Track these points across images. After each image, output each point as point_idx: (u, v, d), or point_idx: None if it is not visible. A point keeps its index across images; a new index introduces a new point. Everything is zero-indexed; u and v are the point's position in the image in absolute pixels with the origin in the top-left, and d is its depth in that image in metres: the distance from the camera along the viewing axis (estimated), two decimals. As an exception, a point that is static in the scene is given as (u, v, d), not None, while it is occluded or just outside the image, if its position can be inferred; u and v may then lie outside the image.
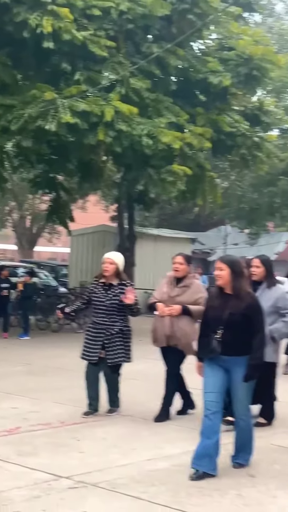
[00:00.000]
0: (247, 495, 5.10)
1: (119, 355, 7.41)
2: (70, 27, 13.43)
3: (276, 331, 7.02)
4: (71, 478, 5.36)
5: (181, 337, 7.26)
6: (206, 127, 16.10)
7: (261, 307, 5.69)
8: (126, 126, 14.11)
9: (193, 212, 34.00)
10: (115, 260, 7.50)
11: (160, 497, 4.97)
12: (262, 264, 7.18)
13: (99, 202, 36.68)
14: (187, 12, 15.00)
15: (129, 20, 14.55)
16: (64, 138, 14.23)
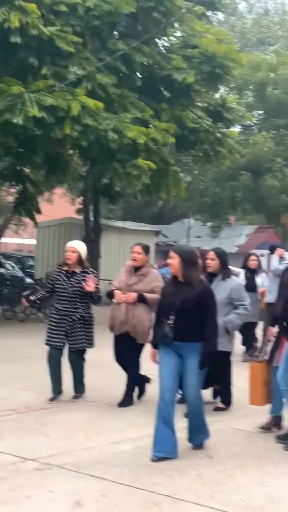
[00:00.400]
0: (206, 475, 5.23)
1: (81, 340, 7.47)
2: (37, 22, 13.36)
3: (229, 322, 7.10)
4: (37, 460, 5.44)
5: (136, 324, 7.32)
6: (170, 122, 16.16)
7: (213, 295, 5.77)
8: (92, 120, 14.09)
9: (157, 206, 34.18)
10: (77, 249, 7.54)
11: (123, 477, 5.08)
12: (217, 256, 7.24)
13: (65, 195, 36.58)
14: (152, 10, 15.04)
15: (95, 17, 14.50)
16: (31, 131, 14.17)
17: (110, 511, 4.42)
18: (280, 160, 23.86)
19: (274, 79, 25.11)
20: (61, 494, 4.70)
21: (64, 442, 5.99)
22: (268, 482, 5.10)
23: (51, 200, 35.97)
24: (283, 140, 24.32)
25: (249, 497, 4.77)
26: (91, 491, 4.79)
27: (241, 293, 7.32)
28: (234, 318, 7.18)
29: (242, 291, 7.38)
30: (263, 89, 25.22)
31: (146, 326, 7.32)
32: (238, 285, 7.36)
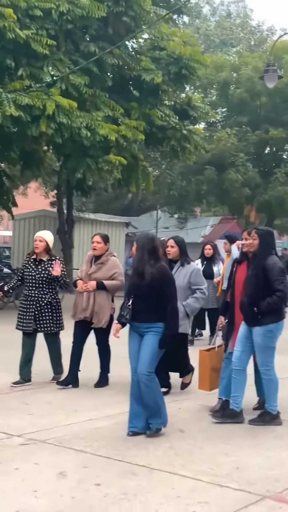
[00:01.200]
0: (178, 447, 5.42)
1: (49, 324, 7.54)
2: (13, 26, 13.36)
3: (188, 306, 7.07)
4: (22, 436, 5.60)
5: (97, 310, 7.38)
6: (140, 120, 16.27)
7: (170, 280, 5.77)
8: (67, 119, 14.18)
9: (127, 198, 34.29)
10: (45, 238, 7.60)
11: (102, 450, 5.27)
12: (176, 244, 7.22)
13: (39, 189, 36.48)
14: (122, 14, 15.08)
15: (68, 21, 14.50)
16: (7, 129, 14.20)
17: (92, 480, 4.59)
18: (243, 155, 24.10)
19: (236, 79, 25.30)
20: (46, 466, 4.87)
21: (46, 420, 6.14)
22: (234, 453, 5.30)
23: (25, 193, 35.85)
24: (245, 136, 24.55)
25: (217, 466, 4.97)
26: (73, 463, 4.96)
27: (199, 278, 7.26)
28: (192, 302, 7.15)
29: (199, 276, 7.30)
30: (226, 88, 25.43)
31: (107, 311, 7.42)
32: (196, 270, 7.29)
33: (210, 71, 23.67)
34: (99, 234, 7.68)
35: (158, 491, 4.43)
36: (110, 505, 4.17)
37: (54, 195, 30.87)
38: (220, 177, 24.15)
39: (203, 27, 32.04)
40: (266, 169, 25.61)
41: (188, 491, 4.45)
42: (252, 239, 6.14)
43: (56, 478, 4.64)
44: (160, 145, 18.98)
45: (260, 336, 6.05)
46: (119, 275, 7.52)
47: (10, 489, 4.40)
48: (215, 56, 26.06)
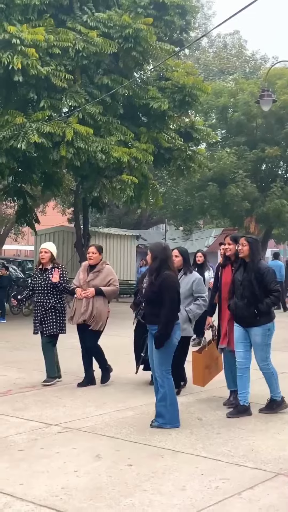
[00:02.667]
0: (198, 433, 5.59)
1: (52, 326, 7.56)
2: (35, 63, 13.57)
3: (190, 311, 6.97)
4: (59, 425, 5.79)
5: (96, 315, 7.39)
6: (149, 143, 16.45)
7: (170, 287, 5.70)
8: (84, 144, 14.40)
9: (136, 214, 34.48)
10: (49, 249, 7.71)
11: (131, 436, 5.45)
12: (180, 254, 7.15)
13: (56, 207, 36.79)
14: (131, 50, 15.27)
15: (84, 57, 14.71)
16: (29, 154, 14.46)
17: (125, 462, 4.78)
18: (242, 172, 24.22)
19: (234, 103, 25.46)
20: (83, 450, 5.06)
21: (78, 411, 6.34)
22: (248, 437, 5.46)
23: (44, 211, 36.18)
24: (243, 155, 24.66)
25: (234, 449, 5.14)
26: (107, 447, 5.14)
27: (200, 286, 7.17)
28: (195, 308, 7.05)
29: (201, 285, 7.21)
30: (225, 112, 25.58)
31: (104, 315, 7.47)
32: (198, 279, 7.20)
33: (210, 97, 23.79)
34: (94, 245, 7.71)
35: (183, 470, 4.61)
36: (143, 482, 4.35)
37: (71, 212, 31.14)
38: (221, 192, 24.27)
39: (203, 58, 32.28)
40: (263, 184, 25.72)
41: (210, 470, 4.63)
42: (242, 246, 6.14)
43: (93, 460, 4.82)
44: (167, 165, 19.13)
45: (260, 335, 6.08)
46: (115, 281, 7.56)
47: (53, 470, 4.60)
48: (214, 83, 26.26)
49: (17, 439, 5.34)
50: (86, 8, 15.67)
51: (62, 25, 15.11)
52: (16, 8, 14.17)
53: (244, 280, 6.08)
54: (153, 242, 6.61)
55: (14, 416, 6.13)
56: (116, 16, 15.41)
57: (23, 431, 5.58)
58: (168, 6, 16.60)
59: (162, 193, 26.93)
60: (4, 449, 5.07)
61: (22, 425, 5.80)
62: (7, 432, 5.56)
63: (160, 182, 27.27)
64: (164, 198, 25.53)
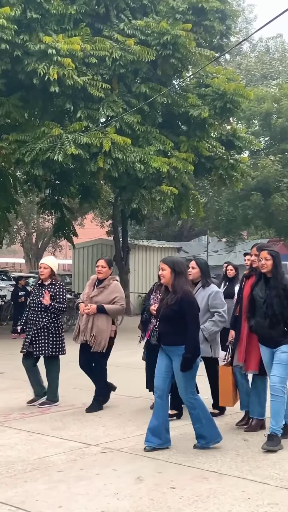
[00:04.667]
0: (244, 454, 5.50)
1: (42, 347, 7.25)
2: (72, 73, 13.77)
3: (205, 329, 6.56)
4: (99, 445, 5.78)
5: (96, 333, 7.05)
6: (189, 152, 16.50)
7: (193, 303, 5.52)
8: (122, 154, 14.52)
9: (177, 225, 34.46)
10: (48, 264, 7.43)
11: (173, 457, 5.39)
12: (198, 265, 6.81)
13: (95, 219, 37.10)
14: (169, 57, 15.35)
15: (121, 66, 14.88)
16: (66, 166, 14.64)
17: (167, 484, 4.72)
18: (287, 180, 24.01)
19: (277, 109, 25.28)
20: (124, 471, 5.03)
21: (119, 431, 6.31)
22: (296, 459, 5.35)
23: (82, 224, 36.53)
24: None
25: (283, 471, 5.03)
26: (148, 469, 5.10)
27: (217, 300, 6.72)
28: (210, 325, 6.64)
29: (218, 298, 6.74)
30: (268, 118, 25.42)
31: (105, 335, 7.07)
32: (214, 293, 6.73)
33: (253, 103, 23.71)
34: (103, 258, 7.36)
35: (229, 494, 4.53)
36: (186, 506, 4.30)
37: (109, 224, 31.37)
38: (266, 201, 24.06)
39: (244, 63, 32.18)
40: (309, 192, 25.41)
41: (257, 494, 4.53)
42: (265, 260, 5.85)
43: (134, 482, 4.79)
44: (209, 174, 19.13)
45: (286, 353, 5.71)
46: (120, 299, 7.16)
47: (93, 492, 4.58)
48: (257, 89, 26.15)
49: (56, 460, 5.35)
50: (123, 16, 15.86)
51: (99, 34, 15.34)
52: (52, 18, 14.44)
53: (267, 298, 5.78)
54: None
55: (53, 435, 6.15)
56: (154, 23, 15.54)
57: (62, 451, 5.59)
58: (207, 11, 16.65)
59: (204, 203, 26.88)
60: (43, 469, 5.09)
61: (61, 445, 5.82)
62: (45, 452, 5.58)
63: (201, 192, 27.22)
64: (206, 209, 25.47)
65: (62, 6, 14.57)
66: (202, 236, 35.67)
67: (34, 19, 13.84)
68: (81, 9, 15.08)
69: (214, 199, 27.83)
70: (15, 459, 5.36)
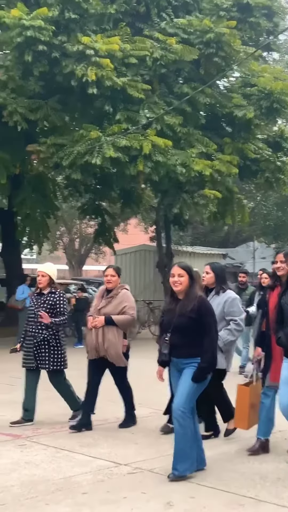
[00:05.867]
0: (286, 478, 5.19)
1: (46, 362, 6.97)
2: (111, 74, 13.71)
3: (219, 339, 5.97)
4: (129, 465, 5.56)
5: (108, 347, 6.72)
6: (233, 155, 16.25)
7: (211, 310, 5.27)
8: (162, 157, 14.36)
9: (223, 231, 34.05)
10: (46, 272, 7.06)
11: (207, 480, 5.13)
12: (212, 270, 6.40)
13: (139, 225, 37.02)
14: (213, 55, 15.18)
15: (162, 66, 14.78)
16: (107, 170, 14.56)
17: (199, 510, 4.47)
18: None
19: None
20: (153, 495, 4.79)
21: (152, 449, 6.08)
22: None
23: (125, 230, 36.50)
24: None
25: None
26: (180, 493, 4.85)
27: (233, 308, 6.32)
28: (225, 334, 6.23)
29: (235, 306, 6.35)
30: None
31: (119, 348, 6.75)
32: (230, 299, 6.34)
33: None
34: (112, 266, 7.03)
35: (265, 524, 4.25)
36: (218, 537, 4.04)
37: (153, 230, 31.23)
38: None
39: (293, 61, 31.66)
40: None
41: (296, 524, 4.24)
42: None
43: (163, 508, 4.55)
44: (254, 177, 18.79)
45: None
46: (130, 308, 6.79)
47: (119, 518, 4.37)
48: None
49: (82, 480, 5.16)
50: (165, 15, 15.74)
51: (139, 34, 15.24)
52: (91, 18, 14.43)
53: None
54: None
55: (81, 453, 5.96)
56: (197, 21, 15.35)
57: (89, 471, 5.40)
58: (252, 7, 16.41)
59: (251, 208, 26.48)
60: (67, 490, 4.90)
61: (88, 463, 5.62)
62: (71, 471, 5.40)
63: (248, 196, 26.83)
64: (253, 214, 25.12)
65: (101, 6, 14.55)
66: (250, 242, 35.15)
67: (72, 20, 13.82)
68: (121, 8, 15.04)
69: (262, 204, 27.42)
70: (39, 479, 5.19)
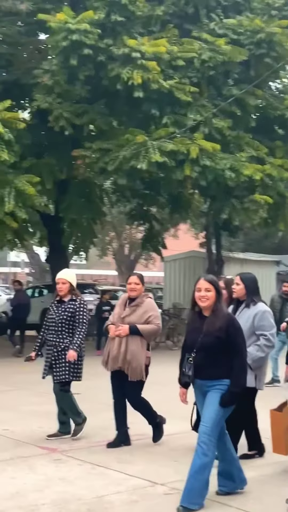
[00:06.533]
0: None
1: (63, 372, 6.74)
2: (157, 77, 13.64)
3: (249, 355, 5.53)
4: (166, 484, 5.38)
5: (130, 359, 6.44)
6: (285, 158, 15.95)
7: (240, 328, 4.94)
8: (210, 161, 14.18)
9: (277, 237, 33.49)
10: (67, 279, 6.86)
11: (248, 505, 4.90)
12: (242, 281, 6.07)
13: (189, 230, 36.81)
14: (264, 56, 14.97)
15: (210, 68, 14.62)
16: (155, 174, 14.46)
17: (236, 538, 4.27)
18: None
19: None
20: (189, 519, 4.61)
21: (190, 468, 5.89)
22: None
23: (176, 235, 36.34)
24: None
25: None
26: (217, 517, 4.66)
27: (263, 321, 5.96)
28: (254, 350, 5.86)
29: (265, 319, 5.98)
30: None
31: (141, 361, 6.48)
32: (261, 313, 5.99)
33: None
34: (136, 274, 6.74)
35: None
36: None
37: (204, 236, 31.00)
38: None
39: None
40: None
41: None
42: None
43: (198, 533, 4.36)
44: (308, 182, 18.35)
45: None
46: (155, 318, 6.56)
47: None
48: None
49: (115, 499, 5.00)
50: (214, 15, 15.58)
51: (187, 35, 15.10)
52: (138, 20, 14.40)
53: None
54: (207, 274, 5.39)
55: (117, 470, 5.81)
56: (247, 20, 15.13)
57: (123, 490, 5.24)
58: (307, 5, 16.04)
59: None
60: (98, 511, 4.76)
61: (123, 482, 5.46)
62: (105, 489, 5.25)
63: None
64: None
65: (148, 8, 14.47)
66: (305, 249, 34.44)
67: (119, 22, 13.82)
68: (168, 10, 14.97)
69: None
70: (70, 497, 5.06)
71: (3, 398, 9.48)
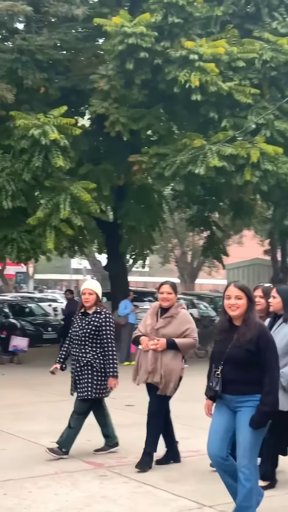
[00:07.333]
0: None
1: (85, 389, 6.51)
2: (216, 79, 13.45)
3: (284, 375, 5.23)
4: (214, 507, 5.17)
5: (164, 374, 6.16)
6: None
7: (273, 341, 4.58)
8: (272, 165, 13.85)
9: None
10: (94, 290, 6.65)
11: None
12: (279, 294, 5.60)
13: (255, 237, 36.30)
14: None
15: (272, 68, 14.33)
16: (216, 180, 14.23)
17: None
18: None
19: None
20: None
21: (243, 489, 5.64)
22: None
23: (241, 242, 35.92)
24: None
25: None
26: None
27: None
28: None
29: None
30: None
31: (176, 376, 6.22)
32: None
33: None
34: (168, 283, 6.39)
35: None
36: None
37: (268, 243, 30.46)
38: None
39: None
40: None
41: None
42: None
43: None
44: None
45: None
46: (193, 331, 6.24)
47: None
48: None
49: (158, 522, 4.83)
50: (277, 14, 15.24)
51: (248, 35, 14.85)
52: (196, 22, 14.25)
53: None
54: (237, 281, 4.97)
55: (164, 489, 5.62)
56: (313, 18, 14.73)
57: (168, 511, 5.05)
58: None
59: None
60: (139, 534, 4.59)
61: (169, 502, 5.28)
62: (149, 510, 5.08)
63: None
64: None
65: (207, 9, 14.29)
66: None
67: (176, 24, 13.71)
68: (228, 10, 14.75)
69: None
70: (111, 517, 4.92)
71: (55, 408, 9.43)
